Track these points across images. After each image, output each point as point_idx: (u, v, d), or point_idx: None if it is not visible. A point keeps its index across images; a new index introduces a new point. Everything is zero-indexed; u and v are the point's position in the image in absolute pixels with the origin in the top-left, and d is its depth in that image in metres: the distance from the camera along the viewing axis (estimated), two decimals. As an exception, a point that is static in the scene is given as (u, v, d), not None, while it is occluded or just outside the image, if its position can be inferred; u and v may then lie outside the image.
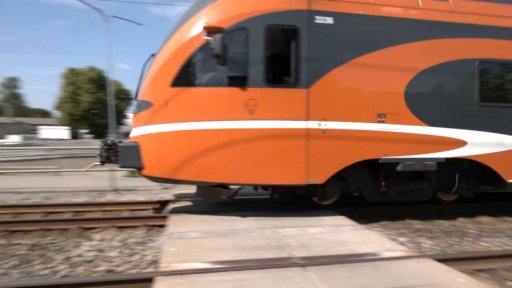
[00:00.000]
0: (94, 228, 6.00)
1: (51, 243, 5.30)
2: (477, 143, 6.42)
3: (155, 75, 5.91)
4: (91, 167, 8.43)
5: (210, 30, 5.54)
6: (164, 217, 5.99)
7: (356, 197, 7.10)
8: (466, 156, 6.42)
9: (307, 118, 5.84)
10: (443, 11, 6.28)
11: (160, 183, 6.61)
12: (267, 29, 5.75)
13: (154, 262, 4.57)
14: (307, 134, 5.84)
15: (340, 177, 6.30)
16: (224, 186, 6.42)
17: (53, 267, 4.44)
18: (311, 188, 6.25)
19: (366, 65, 6.06)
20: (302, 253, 4.19)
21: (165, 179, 5.88)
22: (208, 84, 5.78)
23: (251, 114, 5.71)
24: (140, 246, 5.21)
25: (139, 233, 5.79)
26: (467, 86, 6.44)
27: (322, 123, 5.90)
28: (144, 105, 5.91)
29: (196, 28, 5.72)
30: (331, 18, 5.94)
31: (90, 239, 5.50)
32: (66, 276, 4.17)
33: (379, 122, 6.09)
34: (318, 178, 5.94)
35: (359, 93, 6.09)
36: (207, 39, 5.52)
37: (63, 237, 5.57)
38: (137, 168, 5.97)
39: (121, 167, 6.16)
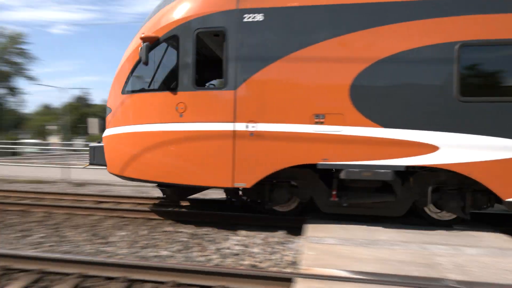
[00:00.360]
0: (240, 224, 6.60)
1: (206, 234, 6.06)
2: (455, 149, 5.13)
3: (112, 84, 6.57)
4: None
5: (147, 40, 5.85)
6: (303, 220, 6.13)
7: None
8: (438, 164, 5.19)
9: (234, 120, 5.73)
10: None
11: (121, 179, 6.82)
12: (196, 34, 5.86)
13: (293, 263, 4.72)
14: (234, 136, 5.73)
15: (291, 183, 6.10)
16: (167, 185, 6.56)
17: (207, 255, 5.08)
18: (260, 192, 6.16)
19: (302, 61, 5.52)
20: (458, 276, 3.68)
21: (118, 176, 6.53)
22: (145, 90, 6.30)
23: (181, 117, 5.92)
24: (280, 246, 5.46)
25: (280, 233, 6.07)
26: (440, 77, 5.19)
27: (250, 125, 5.70)
28: (107, 110, 6.72)
29: (137, 39, 6.14)
30: (261, 14, 5.61)
31: (237, 234, 6.07)
32: (217, 265, 4.70)
33: (316, 123, 5.51)
34: (245, 181, 5.74)
35: (292, 92, 5.58)
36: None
37: (215, 230, 6.30)
38: (103, 165, 6.70)
39: (90, 164, 6.97)
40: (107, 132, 6.71)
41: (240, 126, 5.78)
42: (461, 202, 5.53)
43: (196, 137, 5.94)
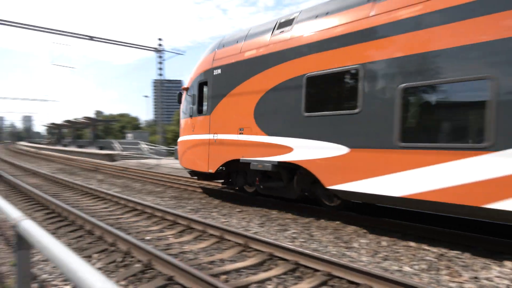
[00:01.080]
0: (505, 253, 5.37)
1: (457, 257, 5.29)
2: (301, 150, 7.31)
3: (180, 110, 11.72)
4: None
5: (183, 89, 11.08)
6: None
7: None
8: (292, 161, 7.50)
9: (209, 133, 9.70)
10: (283, 41, 7.87)
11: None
12: (198, 84, 10.23)
13: None
14: (209, 142, 9.67)
15: (243, 171, 9.42)
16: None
17: (461, 282, 4.41)
18: (225, 176, 10.42)
19: (232, 96, 8.99)
20: None
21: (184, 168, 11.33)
22: (182, 117, 11.34)
23: (193, 132, 10.38)
24: None
25: None
26: (295, 99, 7.45)
27: (215, 135, 9.51)
28: (179, 125, 11.81)
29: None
30: (219, 69, 9.47)
31: (501, 265, 4.97)
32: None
33: (239, 134, 8.73)
34: (212, 169, 9.53)
35: (230, 115, 9.08)
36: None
37: (468, 255, 5.40)
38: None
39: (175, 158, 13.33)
40: (179, 139, 11.59)
41: (211, 136, 9.66)
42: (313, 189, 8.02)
43: (197, 143, 10.22)
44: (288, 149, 7.55)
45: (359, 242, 6.09)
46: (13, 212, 1.67)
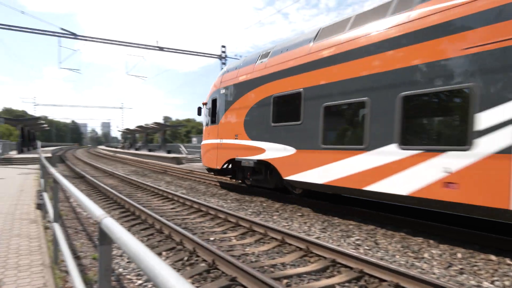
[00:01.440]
0: None
1: (549, 276, 4.68)
2: (270, 151, 10.02)
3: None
4: None
5: (203, 104, 14.28)
6: None
7: None
8: (265, 159, 10.23)
9: (217, 138, 12.74)
10: (261, 69, 10.72)
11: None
12: (212, 100, 13.43)
13: None
14: (217, 145, 12.67)
15: (241, 168, 11.83)
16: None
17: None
18: (232, 172, 12.70)
19: (232, 109, 11.90)
20: None
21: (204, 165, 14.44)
22: (204, 126, 14.49)
23: (208, 137, 13.62)
24: None
25: None
26: (267, 113, 10.15)
27: (221, 140, 12.52)
28: (202, 132, 14.74)
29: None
30: (224, 89, 12.55)
31: None
32: None
33: (235, 139, 11.62)
34: (218, 166, 12.53)
35: (230, 124, 12.02)
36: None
37: None
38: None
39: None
40: (202, 142, 14.55)
41: (218, 141, 12.63)
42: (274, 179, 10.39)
43: (211, 146, 13.20)
44: (263, 150, 10.33)
45: (430, 252, 5.68)
46: (97, 210, 1.84)
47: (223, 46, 30.65)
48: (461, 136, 5.77)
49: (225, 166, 12.50)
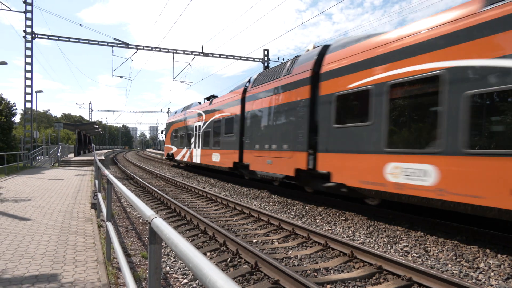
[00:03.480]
0: None
1: None
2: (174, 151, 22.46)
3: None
4: None
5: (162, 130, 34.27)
6: None
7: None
8: (171, 153, 25.99)
9: (169, 144, 27.89)
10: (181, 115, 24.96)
11: None
12: (165, 128, 30.77)
13: None
14: (168, 149, 28.09)
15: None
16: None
17: None
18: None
19: (169, 134, 28.11)
20: None
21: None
22: (165, 140, 31.34)
23: (165, 143, 30.62)
24: None
25: None
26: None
27: (170, 145, 27.37)
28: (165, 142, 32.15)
29: None
30: (168, 124, 29.34)
31: None
32: None
33: (170, 144, 27.38)
34: (165, 156, 29.03)
35: (169, 140, 28.19)
36: None
37: None
38: None
39: None
40: None
41: (169, 145, 28.49)
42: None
43: (168, 149, 28.74)
44: (171, 149, 26.52)
45: (487, 262, 5.30)
46: (147, 211, 1.94)
47: (266, 50, 30.85)
48: None
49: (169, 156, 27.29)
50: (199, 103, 21.50)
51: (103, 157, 31.83)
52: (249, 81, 14.92)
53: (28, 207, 8.30)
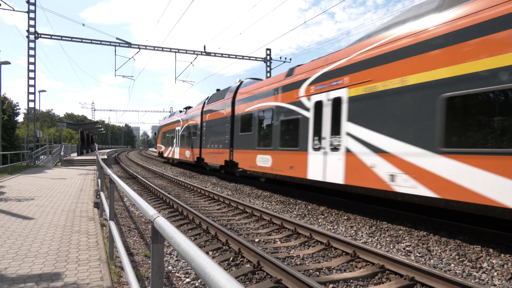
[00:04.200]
0: None
1: None
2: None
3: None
4: None
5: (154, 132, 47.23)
6: None
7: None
8: (160, 151, 34.05)
9: (160, 144, 34.51)
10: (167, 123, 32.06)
11: None
12: (157, 131, 38.90)
13: None
14: (160, 148, 34.26)
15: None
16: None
17: None
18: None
19: (160, 136, 34.99)
20: None
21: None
22: (156, 140, 44.25)
23: (158, 142, 38.46)
24: None
25: None
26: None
27: (161, 145, 33.88)
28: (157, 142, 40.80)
29: None
30: (160, 127, 36.17)
31: None
32: None
33: (161, 143, 34.23)
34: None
35: (160, 141, 35.40)
36: None
37: None
38: None
39: None
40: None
41: (160, 144, 35.36)
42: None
43: (159, 148, 35.56)
44: (161, 148, 33.38)
45: (490, 262, 5.28)
46: (150, 210, 1.95)
47: (268, 49, 30.81)
48: None
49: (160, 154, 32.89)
50: (180, 111, 28.63)
51: (105, 157, 31.92)
52: (207, 98, 21.21)
53: (31, 206, 8.34)
